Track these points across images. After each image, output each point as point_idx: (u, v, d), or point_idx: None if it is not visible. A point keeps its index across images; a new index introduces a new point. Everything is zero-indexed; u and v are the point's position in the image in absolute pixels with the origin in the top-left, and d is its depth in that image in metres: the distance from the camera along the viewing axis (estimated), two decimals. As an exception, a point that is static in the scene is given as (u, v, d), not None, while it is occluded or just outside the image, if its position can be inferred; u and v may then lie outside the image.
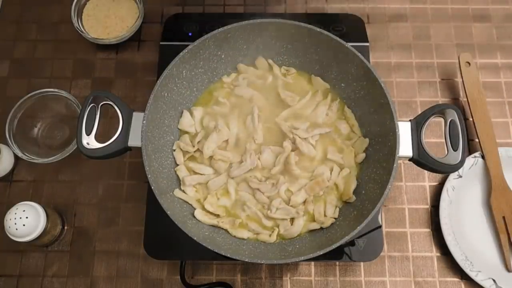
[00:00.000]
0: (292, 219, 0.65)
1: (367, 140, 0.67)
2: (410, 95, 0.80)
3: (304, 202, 0.65)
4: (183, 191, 0.66)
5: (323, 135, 0.68)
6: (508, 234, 0.69)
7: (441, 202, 0.71)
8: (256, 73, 0.72)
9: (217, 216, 0.65)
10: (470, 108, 0.75)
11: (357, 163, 0.67)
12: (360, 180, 0.66)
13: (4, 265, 0.71)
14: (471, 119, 0.75)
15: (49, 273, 0.71)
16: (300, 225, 0.64)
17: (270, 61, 0.72)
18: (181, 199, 0.65)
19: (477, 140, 0.74)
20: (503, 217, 0.70)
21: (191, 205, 0.66)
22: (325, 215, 0.65)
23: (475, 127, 0.74)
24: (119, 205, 0.74)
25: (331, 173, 0.66)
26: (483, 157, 0.73)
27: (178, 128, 0.69)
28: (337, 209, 0.65)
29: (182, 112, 0.69)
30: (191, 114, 0.69)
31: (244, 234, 0.64)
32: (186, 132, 0.69)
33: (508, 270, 0.68)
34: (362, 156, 0.67)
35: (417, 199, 0.74)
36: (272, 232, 0.64)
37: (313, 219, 0.65)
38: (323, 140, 0.68)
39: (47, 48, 0.84)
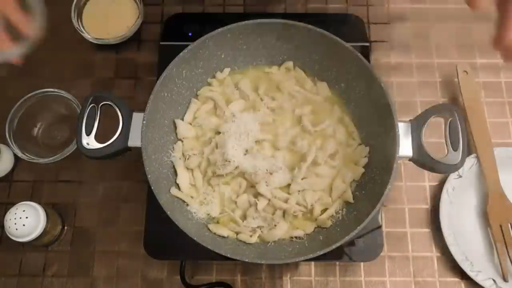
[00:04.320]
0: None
1: (367, 148, 0.67)
2: (410, 95, 0.80)
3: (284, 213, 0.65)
4: (178, 188, 0.66)
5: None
6: (505, 242, 0.68)
7: (441, 202, 0.71)
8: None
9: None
10: (468, 119, 0.75)
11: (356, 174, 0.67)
12: (360, 180, 0.66)
13: (4, 265, 0.71)
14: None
15: (49, 273, 0.71)
16: (283, 229, 0.64)
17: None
18: (176, 196, 0.65)
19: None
20: (500, 226, 0.69)
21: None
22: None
23: (473, 138, 0.74)
24: (119, 205, 0.74)
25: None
26: (480, 165, 0.72)
27: (178, 139, 0.69)
28: (337, 208, 0.65)
29: (181, 115, 0.70)
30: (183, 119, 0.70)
31: (224, 232, 0.64)
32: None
33: (504, 279, 0.67)
34: (364, 160, 0.66)
35: (417, 199, 0.74)
36: (254, 233, 0.64)
37: (296, 227, 0.65)
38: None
39: (47, 48, 0.83)
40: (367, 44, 0.80)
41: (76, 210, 0.74)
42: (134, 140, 0.60)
